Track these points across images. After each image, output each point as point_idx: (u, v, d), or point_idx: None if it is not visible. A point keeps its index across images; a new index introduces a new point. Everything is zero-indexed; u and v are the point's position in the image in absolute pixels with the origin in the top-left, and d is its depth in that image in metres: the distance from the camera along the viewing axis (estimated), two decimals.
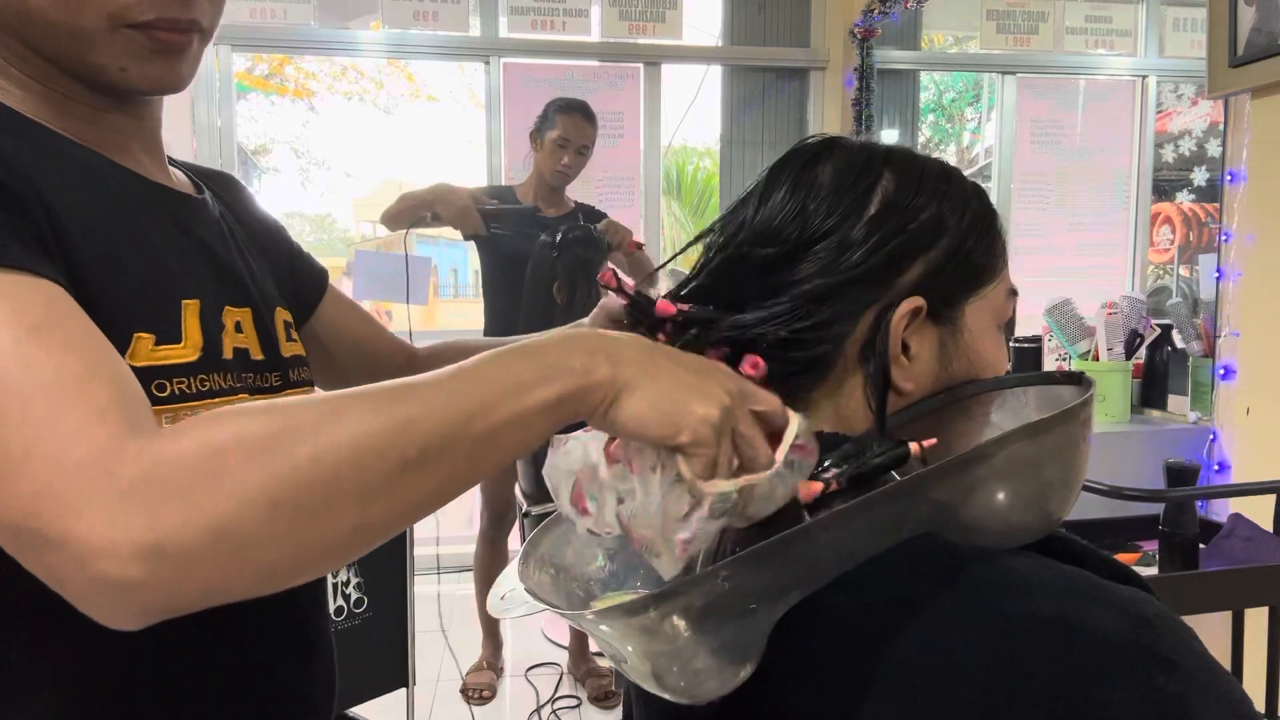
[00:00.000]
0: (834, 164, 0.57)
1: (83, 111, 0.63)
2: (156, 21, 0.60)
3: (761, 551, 0.42)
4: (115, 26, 0.59)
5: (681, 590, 0.43)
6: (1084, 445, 0.49)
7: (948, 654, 0.43)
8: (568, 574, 0.57)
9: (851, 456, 0.52)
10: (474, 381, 0.45)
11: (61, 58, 0.60)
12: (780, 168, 0.59)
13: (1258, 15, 2.00)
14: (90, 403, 0.44)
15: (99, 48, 0.59)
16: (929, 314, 0.55)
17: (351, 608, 1.79)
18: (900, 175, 0.56)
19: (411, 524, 0.46)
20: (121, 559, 0.39)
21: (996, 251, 0.58)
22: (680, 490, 0.46)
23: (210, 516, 0.40)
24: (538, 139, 2.52)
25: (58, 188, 0.56)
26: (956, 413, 0.57)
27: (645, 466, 0.47)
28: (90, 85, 0.62)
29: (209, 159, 3.43)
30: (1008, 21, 3.81)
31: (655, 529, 0.47)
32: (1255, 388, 2.14)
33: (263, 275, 0.75)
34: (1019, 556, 0.47)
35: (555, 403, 0.45)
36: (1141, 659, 0.40)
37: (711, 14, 3.98)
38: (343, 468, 0.41)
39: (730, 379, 0.49)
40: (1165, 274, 5.64)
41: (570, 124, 2.46)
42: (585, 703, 2.53)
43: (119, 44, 0.60)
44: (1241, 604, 1.24)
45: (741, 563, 0.43)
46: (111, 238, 0.59)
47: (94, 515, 0.40)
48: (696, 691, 0.46)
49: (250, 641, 0.66)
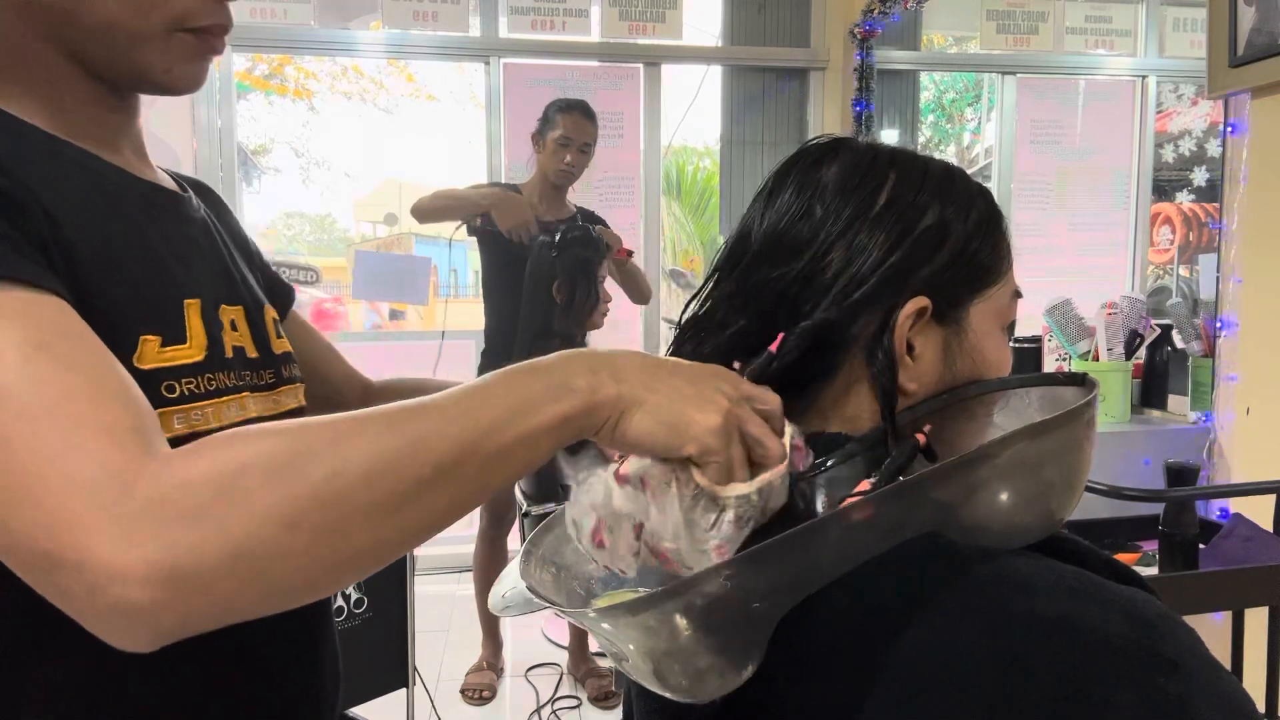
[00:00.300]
0: (840, 165, 0.57)
1: (87, 113, 0.62)
2: (211, 28, 0.63)
3: (763, 552, 0.42)
4: (171, 31, 0.61)
5: (683, 589, 0.43)
6: (1087, 446, 0.49)
7: (950, 654, 0.43)
8: (568, 572, 0.57)
9: (854, 456, 0.52)
10: (484, 401, 0.45)
11: (105, 57, 0.61)
12: (786, 170, 0.59)
13: (1258, 15, 2.00)
14: (101, 423, 0.44)
15: (151, 49, 0.61)
16: (934, 314, 0.55)
17: (351, 608, 1.79)
18: (905, 176, 0.56)
19: (422, 541, 0.46)
20: (136, 583, 0.39)
21: (1002, 253, 0.58)
22: (703, 500, 0.47)
23: (227, 538, 0.40)
24: (540, 141, 2.53)
25: (58, 192, 0.56)
26: (959, 413, 0.57)
27: (660, 483, 0.47)
28: (112, 86, 0.63)
29: (209, 159, 3.43)
30: (1008, 21, 3.81)
31: (683, 541, 0.47)
32: (1255, 388, 2.14)
33: (248, 274, 0.75)
34: (1021, 557, 0.47)
35: (561, 422, 0.46)
36: (1143, 660, 0.40)
37: (711, 14, 3.98)
38: (359, 486, 0.42)
39: (730, 382, 0.49)
40: (1165, 274, 5.64)
41: (571, 122, 2.47)
42: (585, 703, 2.53)
43: (172, 46, 0.61)
44: (1241, 604, 1.24)
45: (743, 562, 0.43)
46: (111, 240, 0.59)
47: (109, 539, 0.39)
48: (698, 691, 0.46)
49: (256, 653, 0.66)
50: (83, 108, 0.62)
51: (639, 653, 0.46)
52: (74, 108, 0.62)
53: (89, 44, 0.60)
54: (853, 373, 0.55)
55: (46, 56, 0.60)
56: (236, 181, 3.57)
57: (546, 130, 2.51)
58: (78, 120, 0.62)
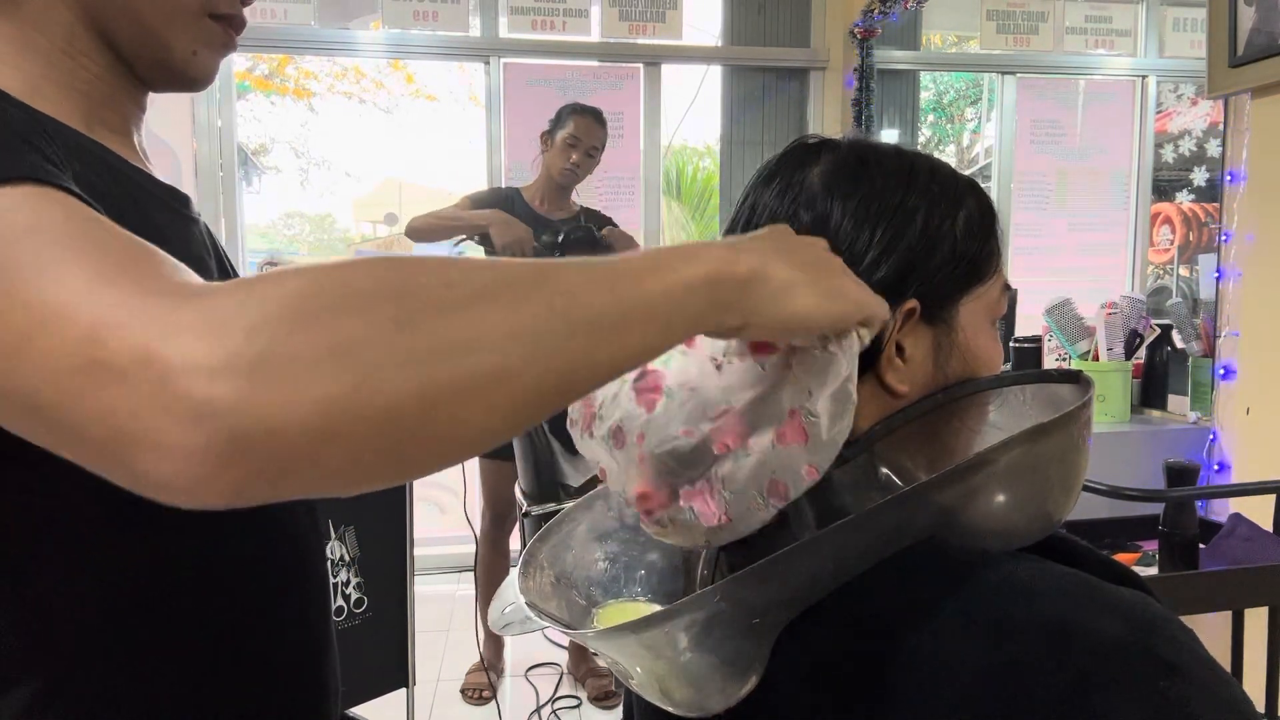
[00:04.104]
0: (824, 168, 0.56)
1: (113, 108, 0.63)
2: (233, 19, 0.64)
3: (761, 571, 0.42)
4: (202, 14, 0.62)
5: (683, 610, 0.43)
6: (1084, 447, 0.49)
7: (950, 660, 0.43)
8: (568, 580, 0.57)
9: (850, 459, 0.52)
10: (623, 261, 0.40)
11: (134, 36, 0.61)
12: (771, 176, 0.58)
13: (1258, 15, 2.00)
14: (163, 260, 0.38)
15: (181, 28, 0.62)
16: (922, 315, 0.54)
17: (351, 608, 1.79)
18: (892, 178, 0.55)
19: (542, 406, 0.37)
20: (213, 371, 0.31)
21: (990, 249, 0.57)
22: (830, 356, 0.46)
23: (328, 330, 0.32)
24: (549, 139, 2.56)
25: (94, 194, 0.56)
26: (954, 412, 0.56)
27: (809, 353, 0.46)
28: (133, 74, 0.63)
29: (209, 159, 3.43)
30: (1008, 21, 3.81)
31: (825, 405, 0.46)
32: (1255, 388, 2.14)
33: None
34: (1019, 560, 0.47)
35: (705, 281, 0.40)
36: (1142, 662, 0.40)
37: (711, 14, 3.98)
38: (478, 299, 0.35)
39: (819, 245, 0.49)
40: (1165, 274, 5.64)
41: (582, 124, 2.51)
42: (585, 703, 2.53)
43: (201, 29, 0.63)
44: (1241, 604, 1.24)
45: (741, 581, 0.43)
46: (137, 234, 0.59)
47: (177, 329, 0.32)
48: (702, 705, 0.46)
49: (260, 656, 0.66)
50: (108, 102, 0.62)
51: (642, 670, 0.47)
52: (101, 102, 0.62)
53: (122, 19, 0.60)
54: None
55: (77, 35, 0.60)
56: (236, 181, 3.57)
57: (557, 129, 2.54)
58: (106, 117, 0.62)
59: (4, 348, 0.36)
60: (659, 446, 0.47)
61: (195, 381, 0.31)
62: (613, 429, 0.49)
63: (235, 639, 0.63)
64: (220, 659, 0.62)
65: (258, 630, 0.65)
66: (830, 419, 0.45)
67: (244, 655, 0.64)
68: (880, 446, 0.53)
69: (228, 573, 0.62)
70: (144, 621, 0.58)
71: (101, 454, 0.34)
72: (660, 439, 0.47)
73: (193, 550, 0.60)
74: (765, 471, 0.46)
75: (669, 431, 0.47)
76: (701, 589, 0.51)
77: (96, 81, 0.61)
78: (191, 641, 0.60)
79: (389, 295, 0.34)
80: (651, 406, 0.47)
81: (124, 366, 0.32)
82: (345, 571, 1.78)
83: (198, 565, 0.60)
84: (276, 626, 0.67)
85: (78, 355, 0.33)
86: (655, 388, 0.48)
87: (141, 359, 0.32)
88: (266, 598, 0.65)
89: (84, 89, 0.61)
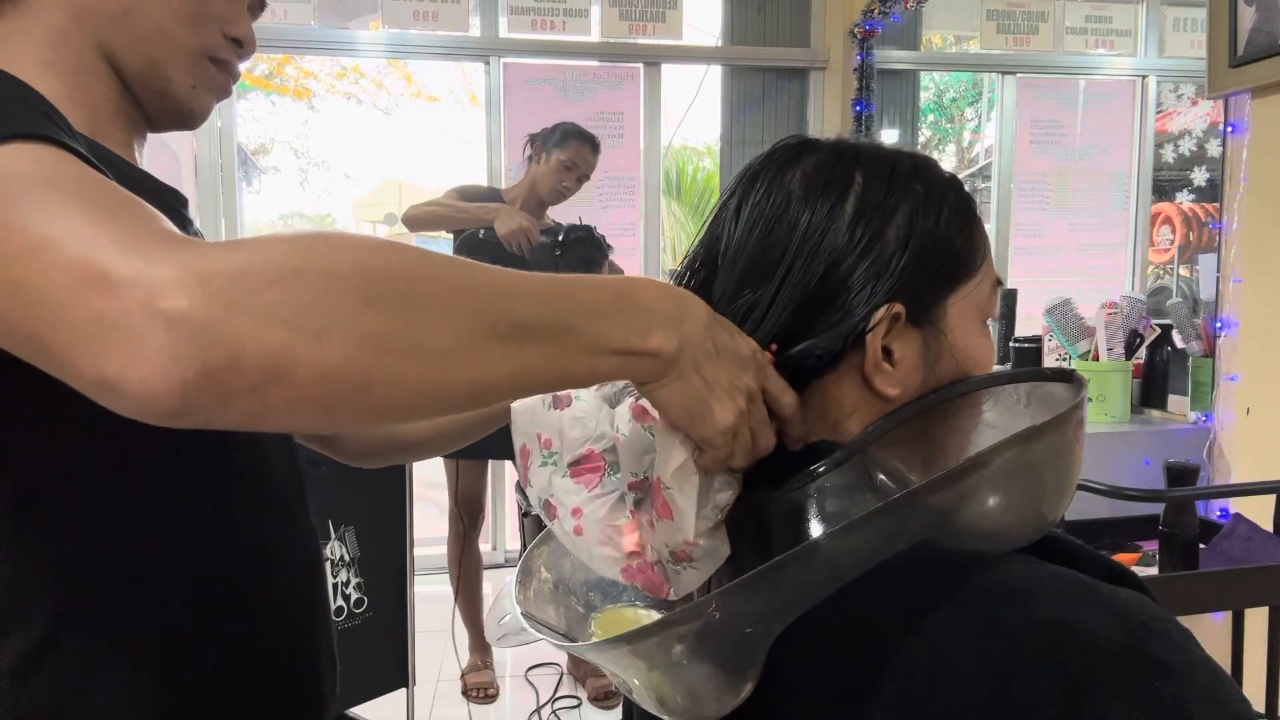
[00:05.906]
0: (804, 171, 0.55)
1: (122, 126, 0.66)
2: (229, 66, 0.70)
3: (753, 581, 0.42)
4: (203, 56, 0.68)
5: (677, 621, 0.44)
6: (1077, 447, 0.48)
7: (945, 663, 0.43)
8: (566, 586, 0.57)
9: (842, 464, 0.52)
10: (584, 289, 0.46)
11: (140, 68, 0.65)
12: (754, 178, 0.57)
13: (1258, 15, 2.00)
14: (163, 217, 0.42)
15: (183, 65, 0.67)
16: (908, 317, 0.53)
17: (351, 608, 1.79)
18: (872, 178, 0.54)
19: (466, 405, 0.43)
20: (194, 300, 0.36)
21: (975, 245, 0.56)
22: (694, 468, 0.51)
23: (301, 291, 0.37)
24: (542, 151, 2.53)
25: None
26: (948, 413, 0.55)
27: (666, 435, 0.51)
28: (143, 103, 0.67)
29: (209, 159, 3.43)
30: (1008, 21, 3.81)
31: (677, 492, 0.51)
32: (1255, 388, 2.14)
33: None
34: (1015, 562, 0.47)
35: (632, 353, 0.46)
36: (1138, 664, 0.40)
37: (711, 14, 3.98)
38: (442, 291, 0.40)
39: (757, 376, 0.51)
40: (1165, 274, 5.65)
41: (582, 152, 2.50)
42: (585, 703, 2.53)
43: (201, 69, 0.68)
44: (1241, 604, 1.24)
45: (733, 592, 0.43)
46: None
47: (169, 263, 0.37)
48: (699, 712, 0.47)
49: (253, 651, 0.66)
50: (114, 121, 0.66)
51: (639, 680, 0.47)
52: (108, 120, 0.65)
53: (130, 51, 0.64)
54: (836, 380, 0.54)
55: (89, 59, 0.64)
56: (236, 181, 3.57)
57: (552, 146, 2.50)
58: (112, 132, 0.65)
59: (7, 267, 0.39)
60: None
61: (178, 301, 0.36)
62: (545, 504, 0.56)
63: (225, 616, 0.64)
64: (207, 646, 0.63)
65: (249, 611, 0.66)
66: (682, 495, 0.50)
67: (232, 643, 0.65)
68: (873, 450, 0.52)
69: (220, 548, 0.64)
70: (132, 591, 0.59)
71: (78, 353, 0.37)
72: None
73: (188, 524, 0.62)
74: (660, 544, 0.52)
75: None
76: (698, 597, 0.52)
77: (104, 102, 0.65)
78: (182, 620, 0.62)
79: (362, 275, 0.39)
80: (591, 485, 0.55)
81: (116, 284, 0.37)
82: (345, 571, 1.78)
83: (193, 539, 0.62)
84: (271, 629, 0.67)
85: (76, 271, 0.38)
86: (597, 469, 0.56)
87: (133, 279, 0.37)
88: (260, 570, 0.68)
89: (93, 105, 0.64)
